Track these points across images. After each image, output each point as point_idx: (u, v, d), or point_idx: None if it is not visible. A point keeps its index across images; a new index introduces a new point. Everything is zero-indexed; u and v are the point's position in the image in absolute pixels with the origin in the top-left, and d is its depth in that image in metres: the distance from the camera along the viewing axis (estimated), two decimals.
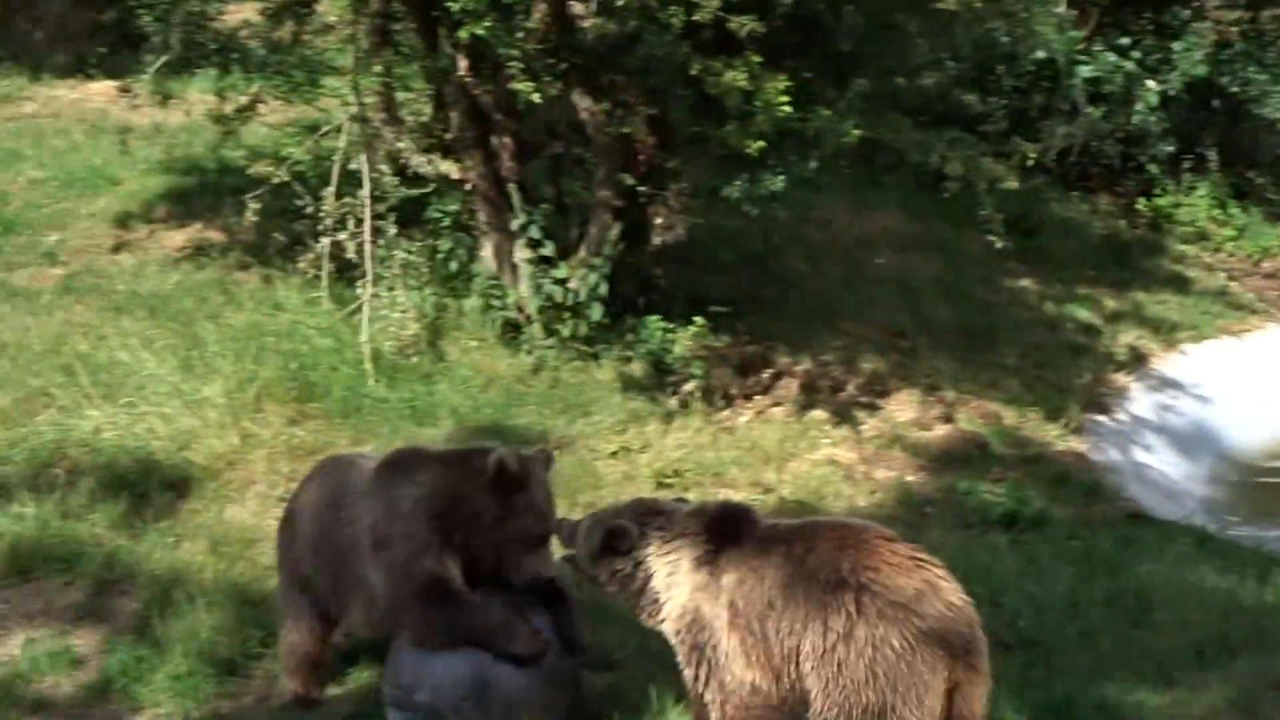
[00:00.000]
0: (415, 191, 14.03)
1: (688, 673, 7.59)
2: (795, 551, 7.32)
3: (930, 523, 11.76)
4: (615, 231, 13.65)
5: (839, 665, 7.03)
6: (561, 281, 13.72)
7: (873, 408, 14.15)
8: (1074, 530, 11.82)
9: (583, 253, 13.82)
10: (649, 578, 7.66)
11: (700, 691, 7.54)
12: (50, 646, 9.80)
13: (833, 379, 14.42)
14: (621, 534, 7.70)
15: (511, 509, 8.00)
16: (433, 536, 8.10)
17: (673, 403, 13.48)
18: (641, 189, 13.88)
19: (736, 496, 11.96)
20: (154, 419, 11.97)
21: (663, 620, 7.66)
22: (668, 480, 11.94)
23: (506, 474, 7.92)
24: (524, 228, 13.77)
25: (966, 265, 17.88)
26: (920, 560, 7.32)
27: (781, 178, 13.13)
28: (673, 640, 7.65)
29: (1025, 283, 18.20)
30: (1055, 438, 14.22)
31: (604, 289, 13.59)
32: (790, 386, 14.13)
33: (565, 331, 13.67)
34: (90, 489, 11.27)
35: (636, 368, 13.78)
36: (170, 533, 10.94)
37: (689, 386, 13.67)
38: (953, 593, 7.22)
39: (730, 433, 13.13)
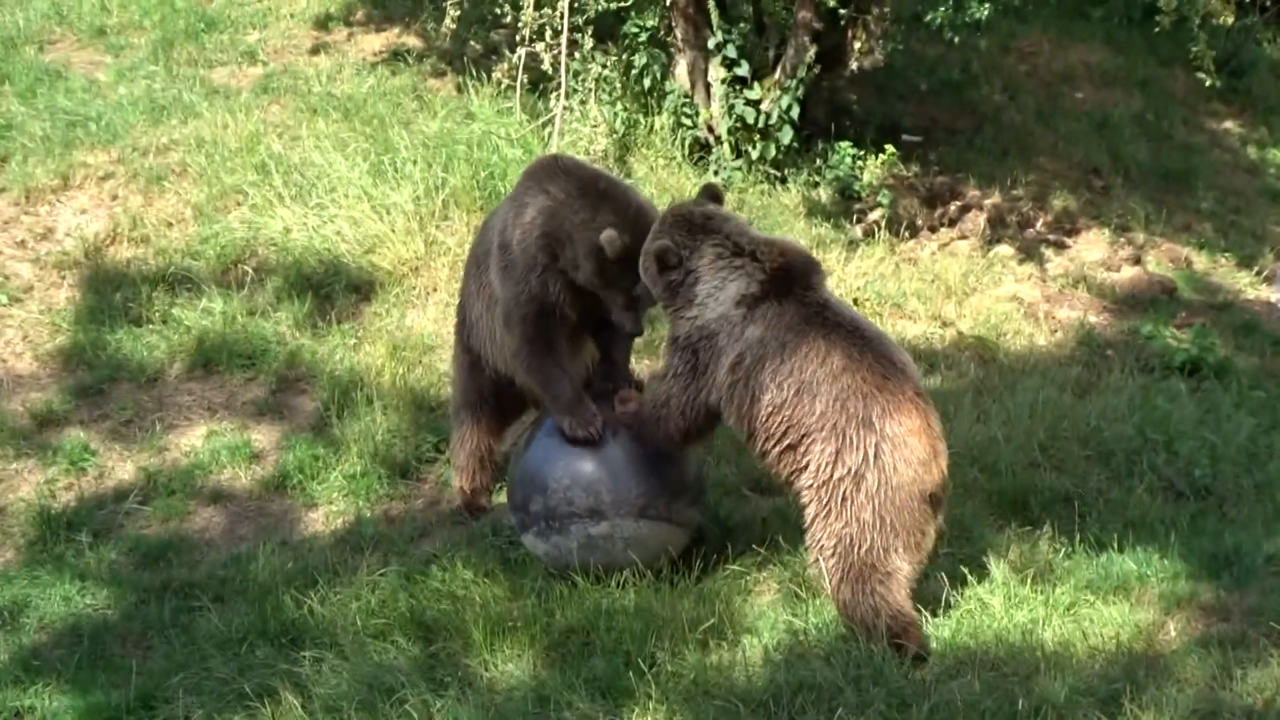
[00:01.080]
0: (614, 5, 13.92)
1: (671, 366, 7.87)
2: (832, 357, 7.43)
3: (1111, 365, 11.58)
4: (812, 54, 13.47)
5: (844, 498, 7.38)
6: (754, 103, 13.61)
7: (1060, 246, 13.92)
8: (1257, 381, 11.58)
9: (778, 74, 13.67)
10: (696, 282, 7.75)
11: (668, 387, 7.86)
12: (231, 440, 10.08)
13: (1021, 214, 14.20)
14: (664, 253, 7.78)
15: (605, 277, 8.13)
16: (540, 254, 8.25)
17: (857, 231, 13.37)
18: (842, 11, 13.69)
19: (915, 329, 11.91)
20: (342, 221, 12.11)
21: (684, 320, 7.79)
22: None
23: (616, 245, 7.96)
24: (720, 46, 13.64)
25: (1168, 104, 17.43)
26: (935, 431, 7.53)
27: (987, 5, 12.86)
28: (678, 339, 7.84)
29: (1228, 125, 17.72)
30: (1246, 285, 13.89)
31: (796, 112, 13.46)
32: (977, 220, 13.93)
33: (754, 153, 13.58)
34: (276, 288, 11.50)
35: (823, 193, 13.68)
36: (352, 335, 11.14)
37: (875, 215, 13.55)
38: (945, 458, 7.54)
39: (913, 264, 13.00)
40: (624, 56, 14.08)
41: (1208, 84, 13.35)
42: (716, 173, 13.51)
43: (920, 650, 7.39)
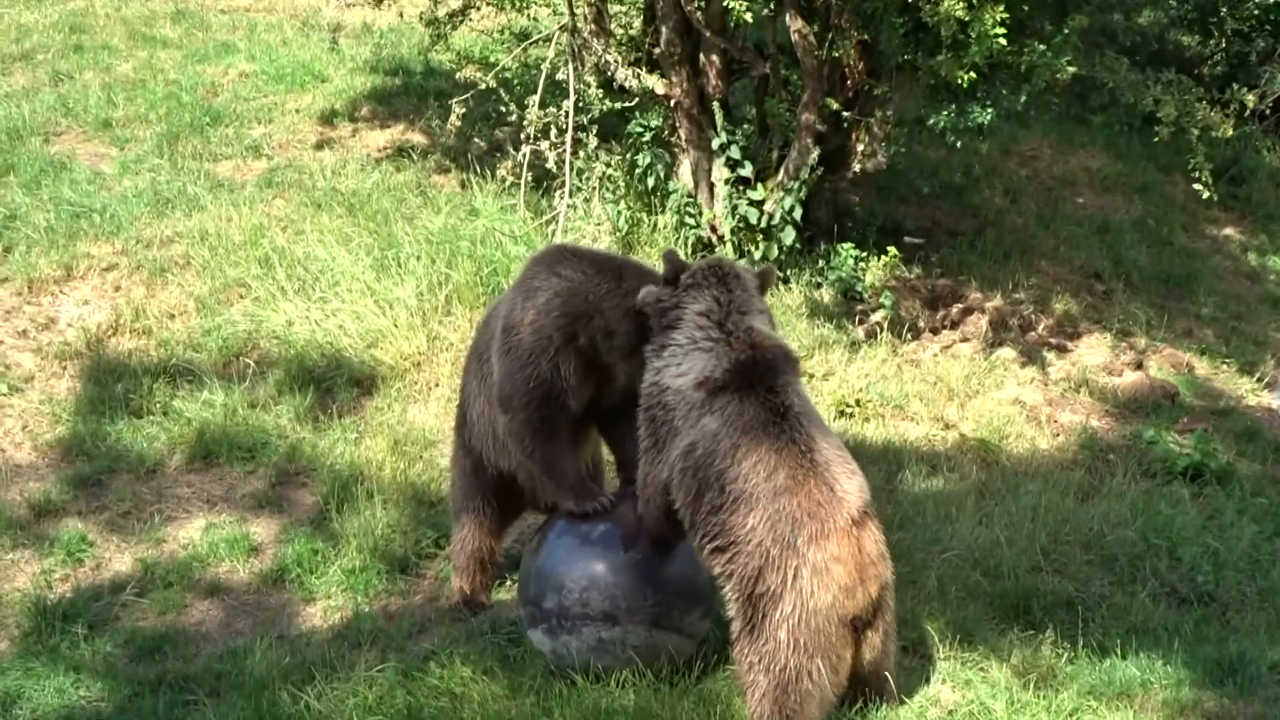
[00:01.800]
0: (619, 105, 14.03)
1: (642, 434, 7.89)
2: (777, 475, 7.43)
3: (1113, 470, 11.57)
4: (815, 155, 13.54)
5: (764, 615, 7.39)
6: (758, 203, 13.67)
7: (1062, 349, 13.94)
8: (1260, 487, 11.56)
9: (781, 175, 13.74)
10: (672, 327, 7.80)
11: (647, 460, 7.89)
12: (229, 533, 10.04)
13: (1023, 318, 14.22)
14: (671, 259, 7.90)
15: (645, 337, 8.06)
16: (556, 334, 8.22)
17: (860, 332, 13.38)
18: (846, 114, 13.77)
19: (917, 430, 11.90)
20: (345, 316, 12.14)
21: (650, 370, 7.86)
22: (848, 409, 11.88)
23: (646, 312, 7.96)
24: (724, 147, 13.73)
25: (1169, 210, 17.51)
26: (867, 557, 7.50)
27: (990, 111, 12.95)
28: (640, 399, 7.89)
29: (1228, 231, 17.79)
30: (1248, 392, 13.90)
31: (799, 213, 13.52)
32: (979, 323, 13.96)
33: (757, 253, 13.61)
34: (278, 381, 11.51)
35: (825, 294, 13.71)
36: (353, 429, 11.13)
37: (877, 316, 13.57)
38: (876, 581, 7.46)
39: (915, 365, 13.01)
40: (628, 155, 14.16)
41: (1205, 195, 13.41)
42: None
43: None
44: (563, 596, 8.12)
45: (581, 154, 13.65)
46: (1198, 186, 13.32)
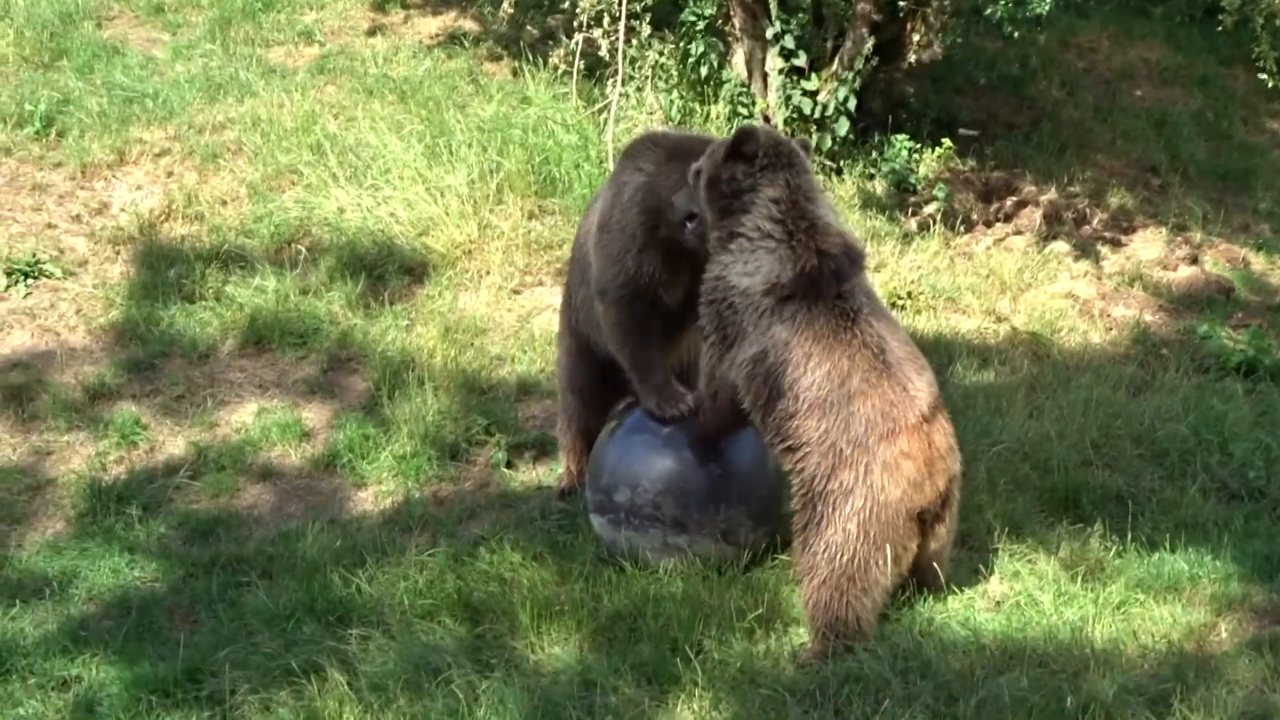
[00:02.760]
0: None
1: (705, 324, 7.86)
2: (850, 380, 7.46)
3: (1165, 365, 11.50)
4: (869, 46, 13.41)
5: (833, 508, 7.46)
6: (811, 94, 13.55)
7: (1116, 244, 13.82)
8: None
9: (835, 66, 13.60)
10: (740, 217, 7.73)
11: (713, 355, 7.87)
12: (281, 418, 10.10)
13: (1078, 211, 14.10)
14: (749, 136, 7.76)
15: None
16: (639, 231, 8.22)
17: (913, 224, 13.30)
18: (901, 4, 13.63)
19: (969, 323, 11.86)
20: (397, 203, 12.13)
21: (715, 263, 7.78)
22: (900, 300, 11.83)
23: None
24: (778, 36, 13.57)
25: (1228, 103, 17.26)
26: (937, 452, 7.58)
27: (1048, 1, 12.78)
28: (704, 290, 7.83)
29: None
30: None
31: (852, 104, 13.39)
32: (1033, 216, 13.84)
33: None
34: (330, 267, 11.53)
35: (879, 186, 13.62)
36: (404, 316, 11.15)
37: (930, 208, 13.48)
38: (944, 474, 7.61)
39: (968, 258, 12.94)
40: (681, 44, 14.04)
41: (1270, 85, 13.24)
42: None
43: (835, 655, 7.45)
44: (636, 494, 8.16)
45: (635, 42, 13.55)
46: (1263, 76, 13.13)
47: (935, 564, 7.85)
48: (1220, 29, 13.01)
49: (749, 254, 7.63)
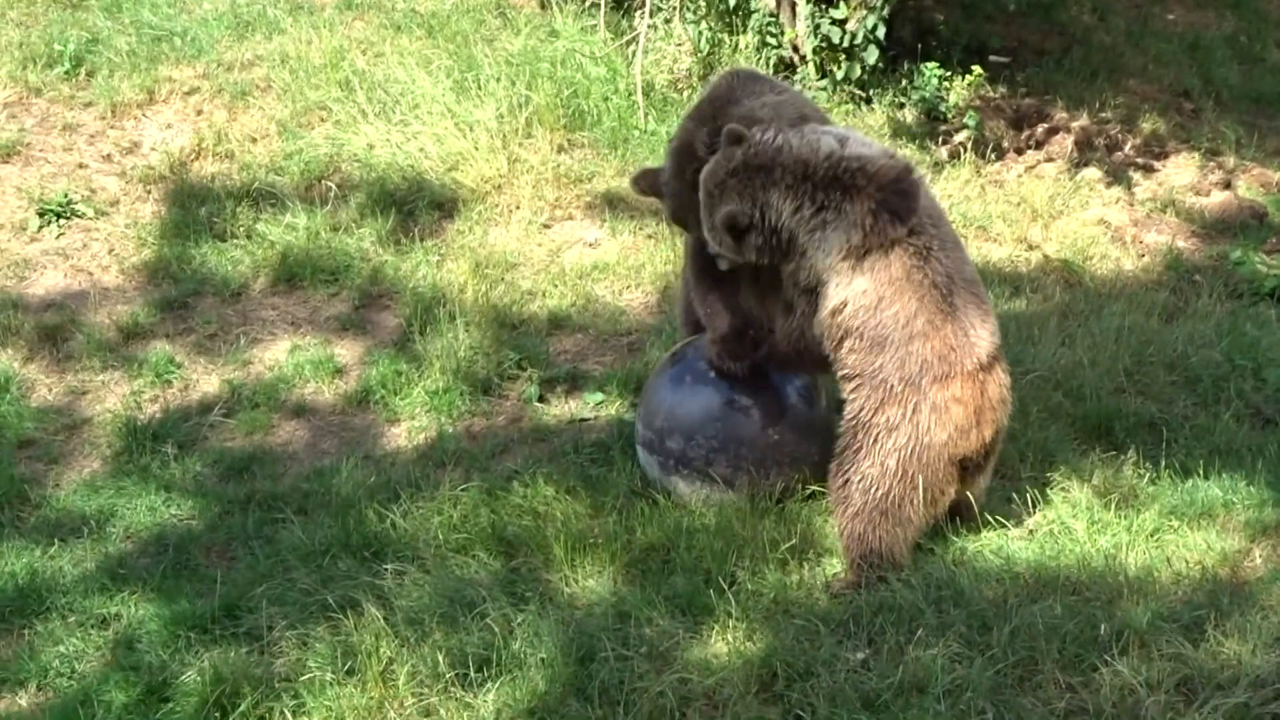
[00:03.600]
0: None
1: (792, 294, 7.81)
2: (915, 321, 7.45)
3: (1198, 291, 11.47)
4: None
5: (875, 441, 7.50)
6: (840, 22, 13.48)
7: (1149, 169, 13.77)
8: None
9: None
10: (791, 237, 7.63)
11: (797, 320, 7.83)
12: (314, 355, 10.14)
13: (1110, 137, 14.05)
14: (733, 219, 7.60)
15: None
16: (683, 190, 8.09)
17: (943, 152, 13.26)
18: None
19: (1000, 252, 11.83)
20: (426, 139, 12.12)
21: (802, 270, 7.70)
22: None
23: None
24: None
25: (1262, 26, 17.17)
26: (990, 401, 7.58)
27: None
28: (798, 283, 7.75)
29: None
30: None
31: (881, 32, 13.32)
32: (1065, 143, 13.79)
33: (839, 73, 13.47)
34: (360, 204, 11.54)
35: (909, 114, 13.58)
36: (435, 251, 11.17)
37: (961, 136, 13.44)
38: (992, 425, 7.59)
39: (999, 186, 12.89)
40: None
41: None
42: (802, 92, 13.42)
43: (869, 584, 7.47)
44: (689, 446, 8.16)
45: None
46: None
47: (974, 503, 7.85)
48: None
49: (814, 233, 7.54)
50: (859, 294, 7.48)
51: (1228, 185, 13.60)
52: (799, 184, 7.54)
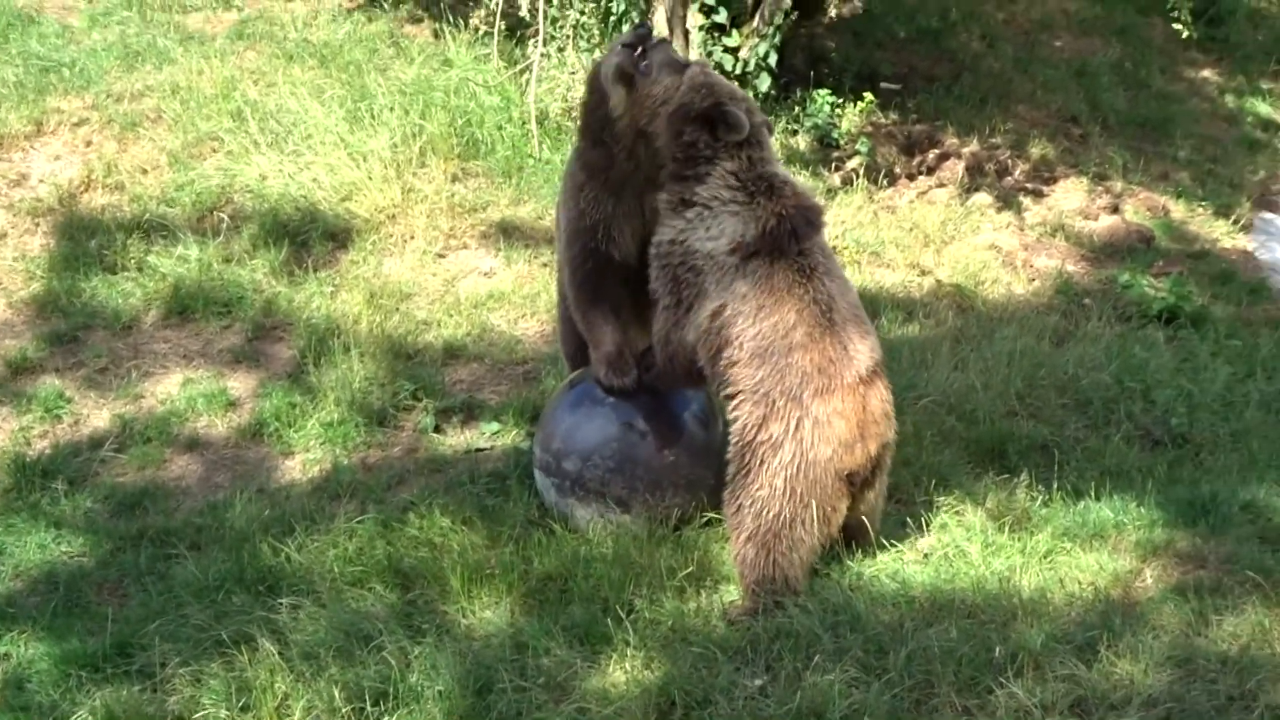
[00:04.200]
0: None
1: (659, 289, 7.79)
2: (795, 333, 7.47)
3: (1088, 314, 11.60)
4: (789, 1, 13.41)
5: (761, 462, 7.48)
6: (732, 50, 13.55)
7: (1038, 194, 13.92)
8: (1234, 329, 11.60)
9: (756, 22, 13.60)
10: (700, 181, 7.65)
11: (667, 319, 7.80)
12: (207, 387, 10.06)
13: (1000, 163, 14.19)
14: (734, 125, 7.63)
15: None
16: (579, 171, 8.15)
17: (836, 179, 13.35)
18: None
19: (893, 277, 11.91)
20: (319, 169, 12.08)
21: (669, 227, 7.73)
22: None
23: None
24: None
25: (1146, 53, 17.43)
26: (872, 416, 7.59)
27: None
28: (659, 249, 7.78)
29: (1206, 73, 17.73)
30: (1223, 234, 13.91)
31: (773, 59, 13.39)
32: (955, 168, 13.93)
33: None
34: (252, 235, 11.48)
35: (801, 141, 13.66)
36: (328, 282, 11.12)
37: (854, 163, 13.53)
38: (877, 439, 7.58)
39: (892, 212, 12.99)
40: (602, 3, 14.00)
41: (1184, 36, 13.38)
42: None
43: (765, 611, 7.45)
44: (586, 467, 8.14)
45: (555, 2, 13.53)
46: (1177, 26, 13.33)
47: (868, 526, 7.89)
48: None
49: (709, 220, 7.60)
50: (739, 298, 7.50)
51: (1115, 209, 13.77)
52: (745, 173, 7.62)
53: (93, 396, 10.05)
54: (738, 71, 13.41)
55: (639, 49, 7.88)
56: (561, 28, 13.55)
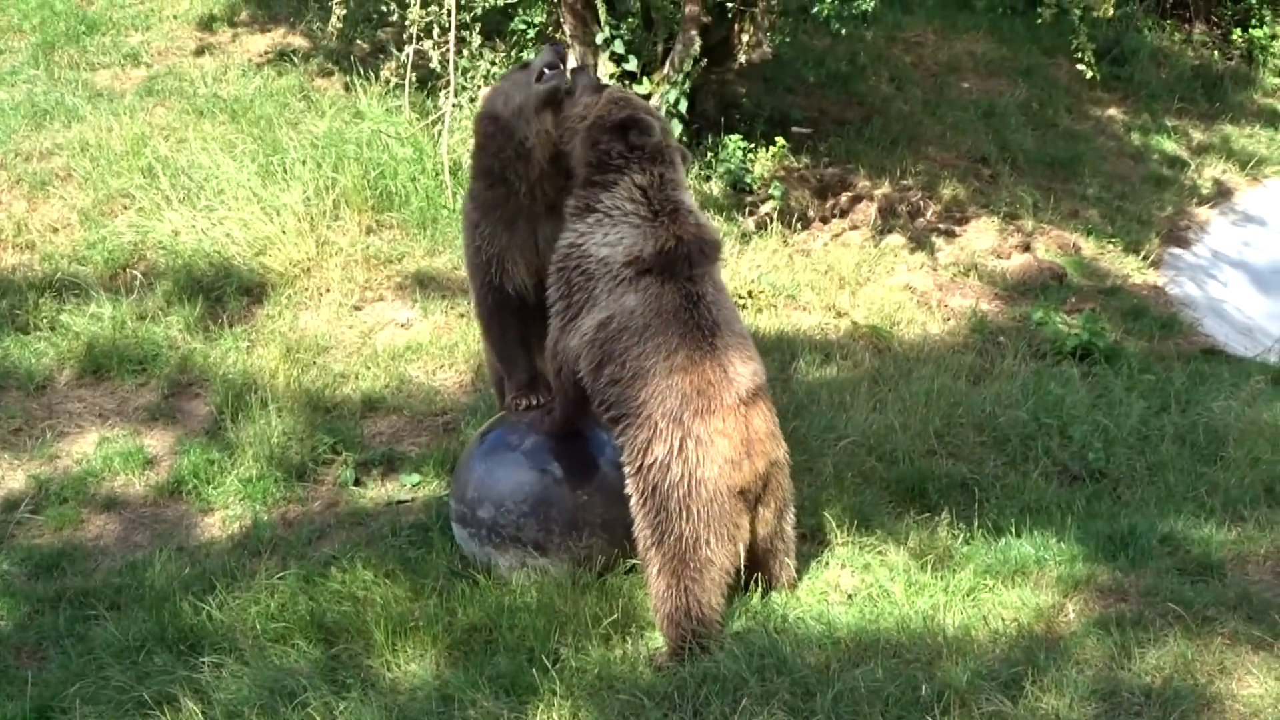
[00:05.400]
0: (501, 2, 13.89)
1: (553, 294, 7.83)
2: (676, 356, 7.51)
3: (1003, 352, 11.70)
4: (699, 47, 13.48)
5: (654, 487, 7.50)
6: (644, 97, 13.57)
7: (950, 234, 14.04)
8: (1147, 364, 11.72)
9: (666, 69, 13.67)
10: (603, 190, 7.70)
11: (558, 325, 7.82)
12: (123, 446, 9.97)
13: (911, 204, 14.31)
14: (645, 129, 7.70)
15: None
16: (475, 212, 8.27)
17: (750, 223, 13.42)
18: (730, 4, 13.75)
19: (810, 319, 11.96)
20: (232, 223, 12.04)
21: (571, 231, 7.76)
22: (741, 299, 11.91)
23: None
24: (608, 41, 13.64)
25: (1053, 93, 17.64)
26: (755, 435, 7.64)
27: None
28: (556, 252, 7.81)
29: (1112, 112, 17.95)
30: (1133, 270, 14.08)
31: (684, 106, 13.44)
32: (868, 211, 14.03)
33: None
34: (166, 291, 11.41)
35: (715, 187, 13.72)
36: (244, 338, 11.06)
37: (767, 207, 13.60)
38: (764, 456, 7.64)
39: (806, 255, 13.06)
40: (512, 53, 14.08)
41: (1089, 76, 13.55)
42: None
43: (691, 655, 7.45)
44: (499, 514, 8.12)
45: (465, 53, 13.56)
46: (1081, 67, 13.48)
47: (779, 558, 7.91)
48: (1040, 21, 13.24)
49: (609, 227, 7.64)
50: (627, 313, 7.53)
51: (1027, 248, 13.91)
52: (650, 191, 7.66)
53: (7, 458, 9.95)
54: None
55: (554, 66, 7.96)
56: (472, 78, 13.57)
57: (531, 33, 14.14)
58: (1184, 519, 9.00)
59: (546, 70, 8.01)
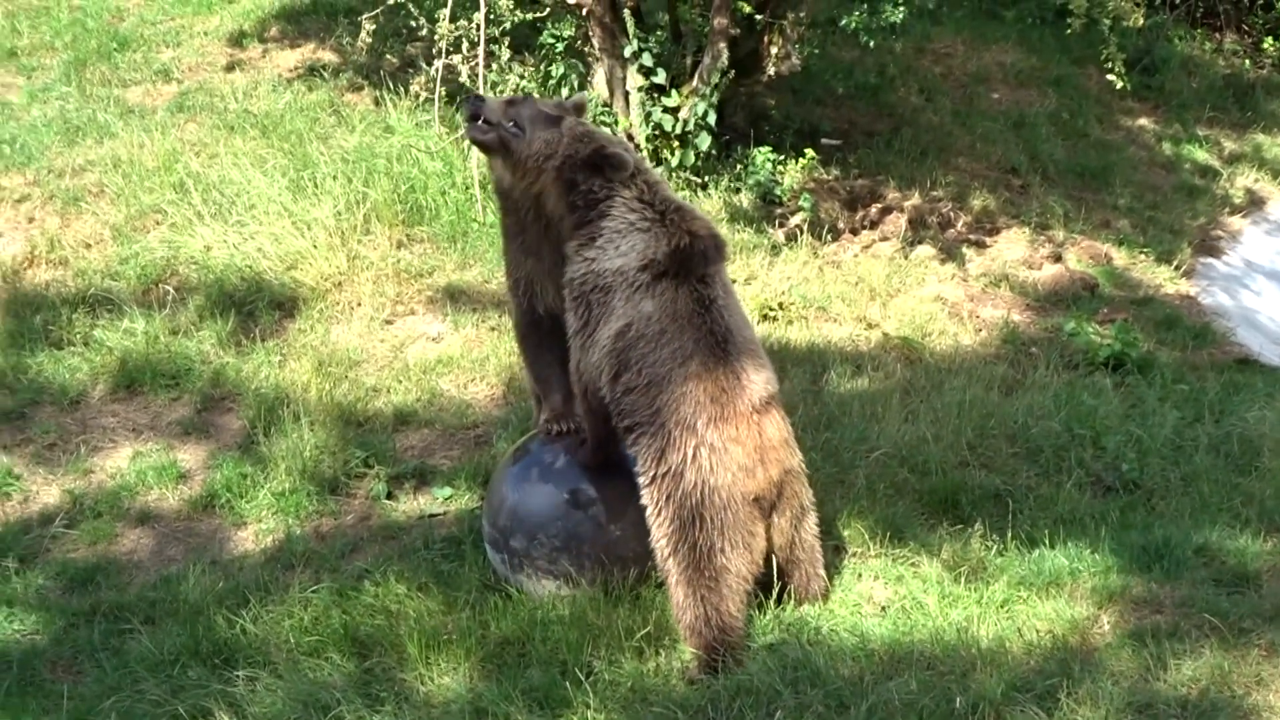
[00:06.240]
0: (530, 15, 13.92)
1: (572, 319, 7.83)
2: (690, 363, 7.54)
3: (1035, 363, 11.66)
4: (727, 60, 13.48)
5: (668, 495, 7.53)
6: (672, 110, 13.61)
7: (981, 245, 14.01)
8: (1180, 374, 11.68)
9: (695, 81, 13.67)
10: (601, 217, 7.74)
11: (578, 345, 7.84)
12: (157, 460, 9.99)
13: (942, 215, 14.28)
14: (619, 164, 7.75)
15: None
16: (504, 236, 8.38)
17: (779, 235, 13.40)
18: (758, 17, 13.75)
19: (840, 331, 11.95)
20: (263, 238, 12.05)
21: (581, 260, 7.76)
22: (771, 312, 11.92)
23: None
24: (637, 54, 13.63)
25: (1083, 102, 17.60)
26: (769, 443, 7.65)
27: (902, 9, 12.97)
28: (573, 284, 7.81)
29: (1143, 122, 17.90)
30: (1165, 280, 14.04)
31: (713, 118, 13.45)
32: (898, 222, 14.00)
33: (673, 160, 13.57)
34: (199, 306, 11.43)
35: (744, 199, 13.70)
36: (276, 352, 11.07)
37: (797, 219, 13.58)
38: (777, 464, 7.65)
39: (836, 267, 13.04)
40: (541, 66, 14.11)
41: (1119, 86, 13.52)
42: None
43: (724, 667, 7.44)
44: (533, 545, 8.08)
45: (495, 67, 13.56)
46: (1111, 77, 13.45)
47: (805, 568, 7.90)
48: (1070, 31, 13.22)
49: (619, 240, 7.65)
50: (644, 319, 7.54)
51: (1058, 258, 13.88)
52: (646, 199, 7.76)
53: (42, 473, 9.98)
54: (678, 131, 13.49)
55: (479, 117, 7.92)
56: (502, 91, 13.57)
57: (561, 46, 14.14)
58: (1219, 530, 8.98)
59: (468, 124, 8.03)
